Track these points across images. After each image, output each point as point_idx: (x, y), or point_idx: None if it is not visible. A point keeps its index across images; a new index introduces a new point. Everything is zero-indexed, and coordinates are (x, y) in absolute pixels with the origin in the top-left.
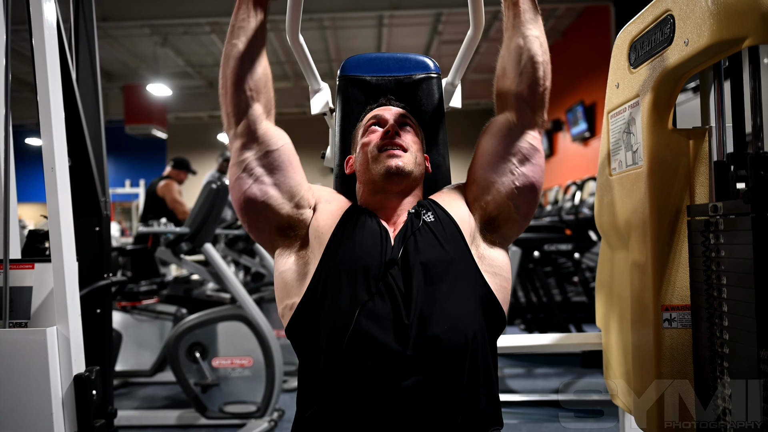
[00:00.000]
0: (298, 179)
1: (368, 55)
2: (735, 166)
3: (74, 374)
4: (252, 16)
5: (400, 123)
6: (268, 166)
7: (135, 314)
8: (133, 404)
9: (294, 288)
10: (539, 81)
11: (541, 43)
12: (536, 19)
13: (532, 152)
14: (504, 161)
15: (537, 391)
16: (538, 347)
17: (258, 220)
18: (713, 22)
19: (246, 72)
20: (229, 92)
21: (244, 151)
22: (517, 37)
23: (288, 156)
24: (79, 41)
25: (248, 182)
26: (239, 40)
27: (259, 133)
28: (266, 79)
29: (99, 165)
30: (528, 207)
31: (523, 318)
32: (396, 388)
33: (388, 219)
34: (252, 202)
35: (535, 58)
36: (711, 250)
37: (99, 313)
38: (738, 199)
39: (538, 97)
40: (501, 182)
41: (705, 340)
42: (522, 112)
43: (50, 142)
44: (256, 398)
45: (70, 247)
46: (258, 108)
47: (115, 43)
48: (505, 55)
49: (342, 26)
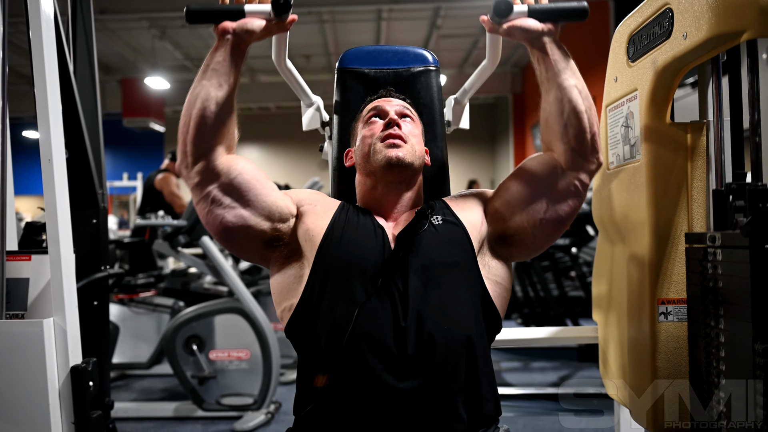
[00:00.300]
0: (268, 194)
1: (367, 47)
2: (734, 196)
3: (71, 366)
4: (229, 61)
5: (401, 115)
6: (234, 193)
7: (132, 307)
8: (130, 396)
9: (291, 291)
10: (586, 130)
11: (580, 91)
12: (569, 66)
13: (572, 195)
14: (541, 193)
15: (533, 385)
16: (534, 341)
17: (242, 244)
18: (712, 16)
19: (212, 117)
20: (191, 134)
21: (204, 186)
22: (554, 90)
23: (252, 175)
24: (76, 34)
25: (220, 212)
26: (211, 82)
27: (219, 169)
28: (232, 125)
29: (96, 157)
30: (545, 240)
31: (520, 312)
32: (394, 389)
33: (389, 214)
34: (230, 230)
35: (577, 108)
36: (708, 279)
37: (96, 305)
38: (736, 231)
39: (587, 145)
40: (529, 209)
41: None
42: (572, 161)
43: (47, 134)
44: (253, 391)
45: (67, 238)
46: (220, 150)
47: (113, 36)
48: (546, 108)
49: (341, 20)
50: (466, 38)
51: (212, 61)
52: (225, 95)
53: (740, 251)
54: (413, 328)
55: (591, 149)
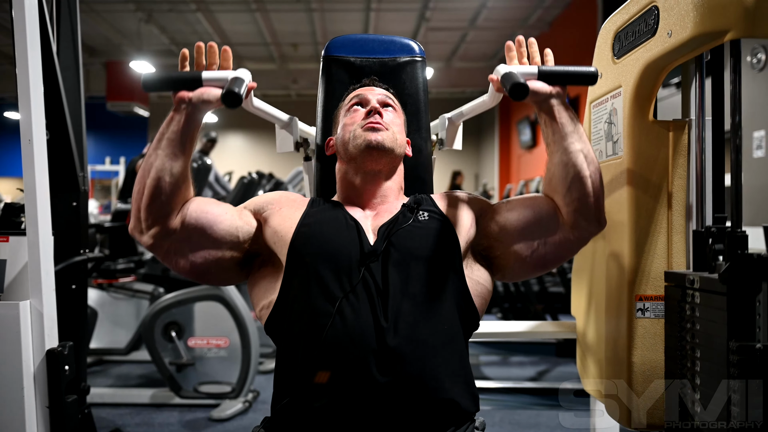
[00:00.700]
0: (223, 221)
1: (353, 36)
2: (713, 240)
3: (47, 349)
4: (184, 129)
5: (383, 104)
6: (192, 239)
7: (111, 292)
8: (107, 382)
9: (268, 289)
10: (589, 194)
11: (586, 155)
12: (576, 130)
13: (566, 248)
14: (537, 235)
15: (511, 379)
16: (513, 334)
17: (219, 276)
18: (696, 14)
19: (167, 188)
20: (144, 202)
21: (161, 245)
22: (559, 153)
23: (200, 212)
24: (60, 14)
25: (186, 260)
26: (165, 152)
27: (171, 228)
28: (187, 191)
29: (78, 140)
30: (521, 275)
31: (501, 307)
32: (372, 383)
33: (368, 203)
34: (202, 270)
35: (581, 173)
36: (686, 321)
37: (74, 289)
38: (714, 274)
39: (590, 209)
40: (520, 244)
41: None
42: (574, 221)
43: (28, 114)
44: (231, 379)
45: (46, 220)
46: (173, 217)
47: (99, 18)
48: (551, 170)
49: (329, 9)
50: (454, 32)
51: (168, 131)
52: (180, 166)
53: (718, 297)
54: (391, 323)
55: (594, 213)
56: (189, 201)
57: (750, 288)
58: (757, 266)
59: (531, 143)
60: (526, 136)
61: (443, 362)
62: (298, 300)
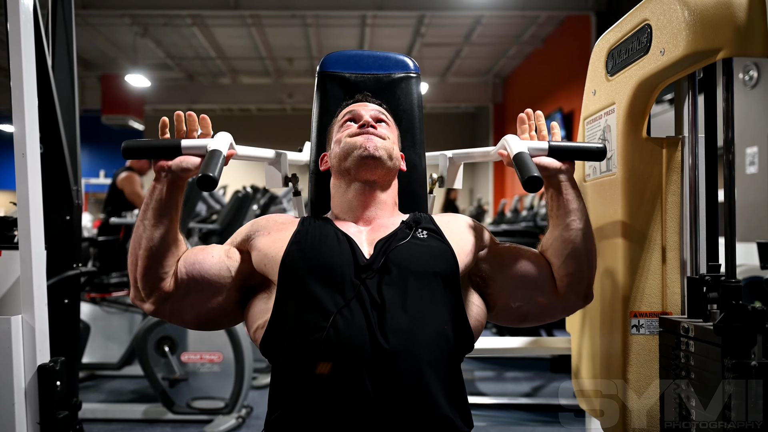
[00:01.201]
0: (212, 266)
1: (348, 52)
2: (707, 288)
3: (38, 364)
4: (167, 198)
5: (376, 119)
6: (189, 292)
7: (104, 306)
8: (99, 397)
9: (262, 310)
10: (582, 271)
11: (585, 234)
12: (579, 208)
13: (548, 313)
14: (527, 290)
15: (506, 395)
16: (508, 350)
17: (226, 321)
18: (689, 33)
19: (158, 256)
20: (139, 272)
21: (163, 308)
22: (560, 228)
23: (189, 265)
24: (56, 27)
25: (187, 315)
26: (151, 222)
27: (169, 291)
28: (177, 251)
29: (72, 153)
30: (502, 321)
31: None
32: (365, 399)
33: (362, 215)
34: (208, 320)
35: (578, 252)
36: (681, 368)
37: (66, 304)
38: (709, 323)
39: (582, 285)
40: (509, 292)
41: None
42: (564, 292)
43: (22, 127)
44: (225, 394)
45: (39, 234)
46: (169, 279)
47: (95, 32)
48: (550, 240)
49: (325, 24)
50: (449, 47)
51: (152, 201)
52: (167, 233)
53: (713, 348)
54: (387, 338)
55: (584, 290)
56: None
57: (745, 339)
58: (751, 318)
59: None
60: None
61: (439, 379)
62: (291, 316)
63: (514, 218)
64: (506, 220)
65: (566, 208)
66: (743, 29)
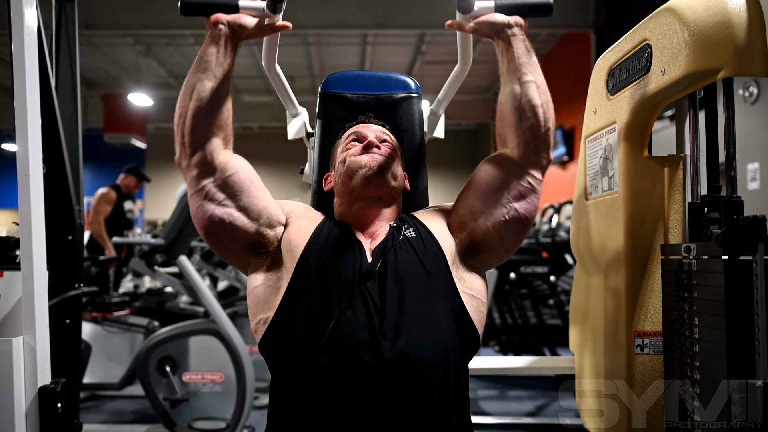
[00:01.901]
0: (261, 197)
1: (350, 72)
2: (708, 208)
3: (39, 386)
4: (221, 53)
5: (380, 140)
6: (228, 190)
7: (106, 325)
8: (100, 418)
9: (267, 302)
10: (540, 124)
11: (539, 86)
12: (530, 62)
13: (528, 192)
14: (499, 194)
15: (510, 414)
16: (511, 370)
17: (226, 242)
18: (689, 53)
19: (208, 107)
20: (187, 124)
21: (201, 179)
22: (513, 83)
23: (247, 176)
24: (60, 48)
25: (211, 207)
26: (205, 74)
27: (216, 163)
28: (228, 115)
29: (75, 173)
30: (513, 240)
31: (498, 339)
32: (367, 402)
33: (366, 229)
34: (217, 226)
35: (533, 102)
36: (683, 290)
37: (68, 324)
38: (711, 242)
39: (540, 138)
40: (491, 212)
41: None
42: (524, 154)
43: (25, 148)
44: (226, 415)
45: (41, 255)
46: (217, 142)
47: (98, 51)
48: (503, 100)
49: (326, 43)
50: (450, 65)
51: (205, 53)
52: (219, 86)
53: (715, 261)
54: (389, 342)
55: (543, 144)
56: (240, 158)
57: (746, 249)
58: (752, 227)
59: None
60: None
61: (440, 381)
62: (297, 316)
63: None
64: None
65: (517, 62)
66: (743, 49)
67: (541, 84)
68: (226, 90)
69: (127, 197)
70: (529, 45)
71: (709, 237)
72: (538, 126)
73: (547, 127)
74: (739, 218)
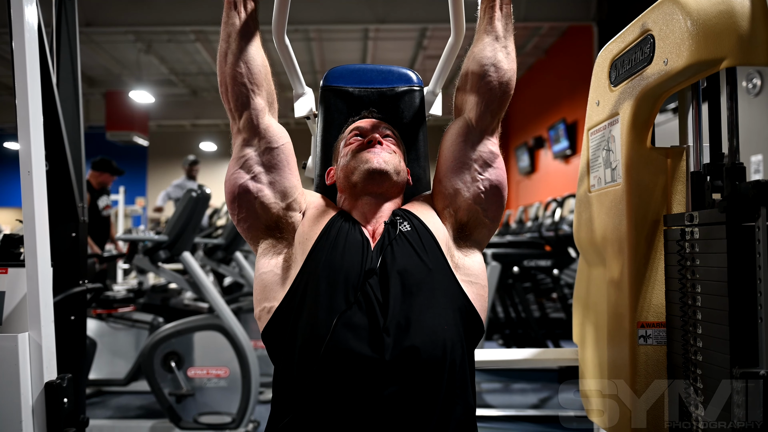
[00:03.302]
0: (293, 181)
1: (351, 66)
2: (711, 176)
3: (45, 381)
4: (242, 12)
5: (383, 134)
6: (266, 164)
7: (110, 322)
8: (106, 413)
9: (273, 291)
10: (501, 85)
11: (509, 53)
12: (508, 29)
13: (492, 157)
14: (466, 168)
15: (514, 406)
16: (515, 362)
17: (248, 215)
18: (692, 43)
19: (244, 66)
20: (229, 88)
21: (245, 147)
22: (486, 43)
23: (287, 156)
24: (60, 45)
25: (244, 177)
26: (232, 38)
27: (261, 128)
28: (266, 72)
29: (77, 170)
30: (496, 209)
31: (502, 333)
32: (372, 398)
33: (368, 224)
34: (245, 196)
35: (499, 65)
36: (686, 259)
37: (73, 320)
38: (713, 209)
39: (497, 100)
40: (466, 188)
41: (679, 349)
42: (482, 116)
43: (28, 145)
44: (232, 409)
45: (45, 252)
46: (259, 101)
47: (99, 49)
48: (471, 57)
49: (328, 38)
50: None
51: (228, 19)
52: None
53: (717, 228)
54: (392, 337)
55: (499, 106)
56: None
57: (749, 214)
58: (755, 191)
59: (529, 169)
60: (524, 162)
61: (445, 375)
62: (302, 310)
63: (518, 229)
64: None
65: (494, 24)
66: (746, 38)
67: (511, 51)
68: (256, 43)
69: (101, 193)
70: (510, 11)
71: (711, 205)
72: (498, 87)
73: (506, 91)
74: (742, 184)
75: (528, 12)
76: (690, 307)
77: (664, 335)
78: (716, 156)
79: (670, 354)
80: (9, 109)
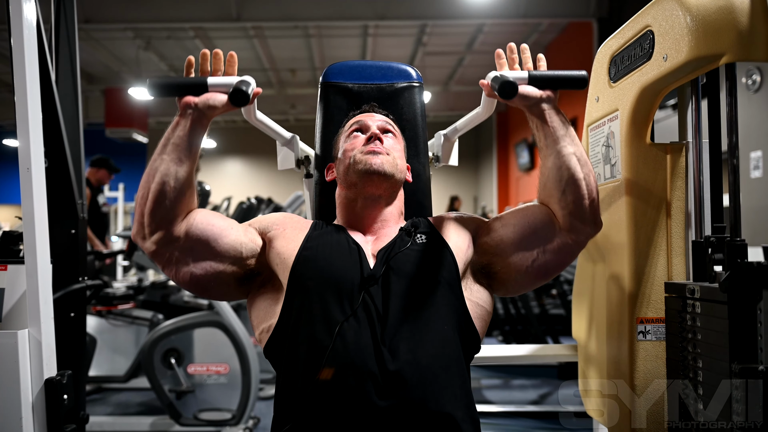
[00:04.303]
0: (228, 235)
1: (351, 62)
2: (712, 249)
3: (45, 378)
4: (189, 134)
5: (383, 130)
6: (196, 249)
7: (110, 319)
8: (106, 410)
9: (268, 312)
10: (584, 197)
11: (579, 158)
12: (568, 134)
13: (565, 252)
14: (535, 243)
15: (513, 402)
16: (514, 358)
17: (218, 290)
18: (692, 39)
19: (171, 193)
20: (148, 207)
21: (164, 252)
22: (552, 157)
23: (206, 224)
24: (59, 42)
25: (187, 269)
26: (171, 157)
27: (175, 235)
28: (191, 198)
29: (77, 167)
30: (526, 286)
31: (501, 329)
32: (373, 408)
33: (368, 228)
34: (202, 283)
35: (575, 176)
36: (687, 331)
37: (73, 317)
38: (714, 284)
39: (585, 211)
40: (519, 255)
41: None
42: (570, 224)
43: (27, 142)
44: (232, 406)
45: (44, 249)
46: (178, 222)
47: (98, 46)
48: (545, 173)
49: (327, 35)
50: (451, 56)
51: (173, 136)
52: (185, 171)
53: (719, 306)
54: (392, 348)
55: (590, 215)
56: (195, 212)
57: (751, 296)
58: (757, 274)
59: (529, 165)
60: (524, 158)
61: (444, 387)
62: (298, 324)
63: None
64: None
65: (554, 136)
66: (746, 34)
67: (581, 156)
68: (192, 175)
69: (99, 191)
70: (564, 117)
71: (713, 278)
72: (582, 198)
73: (592, 198)
74: (744, 263)
75: (528, 8)
76: (692, 380)
77: (663, 331)
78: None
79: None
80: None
